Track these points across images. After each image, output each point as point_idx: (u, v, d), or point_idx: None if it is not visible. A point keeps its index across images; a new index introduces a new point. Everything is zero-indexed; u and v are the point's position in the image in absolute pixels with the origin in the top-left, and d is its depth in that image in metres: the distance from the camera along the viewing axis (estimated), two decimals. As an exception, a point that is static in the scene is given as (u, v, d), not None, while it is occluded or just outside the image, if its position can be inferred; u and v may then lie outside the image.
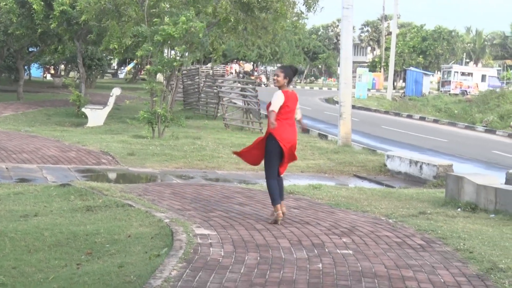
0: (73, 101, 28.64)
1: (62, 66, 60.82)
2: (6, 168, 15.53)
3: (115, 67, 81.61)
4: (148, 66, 23.27)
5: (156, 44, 22.21)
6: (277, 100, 9.63)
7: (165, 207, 10.87)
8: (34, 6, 29.69)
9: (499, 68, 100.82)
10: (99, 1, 26.19)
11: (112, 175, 16.00)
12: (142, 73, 54.87)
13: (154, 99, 22.78)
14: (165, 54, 24.34)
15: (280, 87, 9.75)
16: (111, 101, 27.27)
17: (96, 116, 26.41)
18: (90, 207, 10.85)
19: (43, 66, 61.10)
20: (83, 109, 27.02)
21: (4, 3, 31.40)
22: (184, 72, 34.71)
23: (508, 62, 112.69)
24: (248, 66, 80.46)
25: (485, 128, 37.44)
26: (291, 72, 9.84)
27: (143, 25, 23.18)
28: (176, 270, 7.09)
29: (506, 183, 12.85)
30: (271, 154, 9.72)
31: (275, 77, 9.90)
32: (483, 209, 11.69)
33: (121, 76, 78.07)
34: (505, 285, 7.03)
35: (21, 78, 39.70)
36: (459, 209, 11.74)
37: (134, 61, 60.32)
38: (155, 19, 23.22)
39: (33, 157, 17.10)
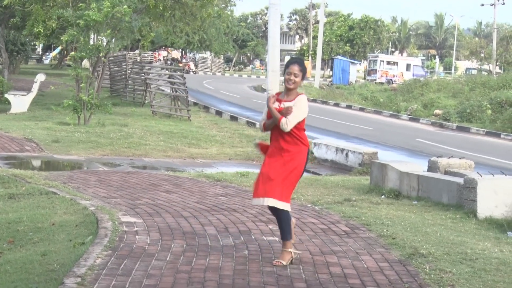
0: (-4, 88, 27.96)
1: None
2: None
3: (40, 53, 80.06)
4: (73, 52, 22.91)
5: (81, 29, 21.85)
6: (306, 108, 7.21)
7: (90, 195, 10.76)
8: None
9: (424, 58, 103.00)
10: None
11: (36, 163, 15.71)
12: (67, 59, 53.91)
13: (81, 85, 22.44)
14: (92, 40, 23.97)
15: (291, 90, 7.18)
16: (35, 87, 26.74)
17: (19, 102, 25.86)
18: (13, 195, 10.66)
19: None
20: (6, 95, 26.44)
21: None
22: (111, 58, 34.33)
23: (432, 51, 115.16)
24: (176, 53, 79.92)
25: (410, 116, 38.12)
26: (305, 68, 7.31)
27: (68, 9, 22.77)
28: (101, 258, 7.02)
29: (428, 170, 13.11)
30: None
31: (293, 78, 7.09)
32: (406, 196, 11.94)
33: (46, 61, 76.71)
34: (425, 270, 7.20)
35: None
36: (383, 196, 11.95)
37: (60, 47, 59.21)
38: (80, 4, 22.83)
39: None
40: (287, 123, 6.96)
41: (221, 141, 20.75)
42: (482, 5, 73.51)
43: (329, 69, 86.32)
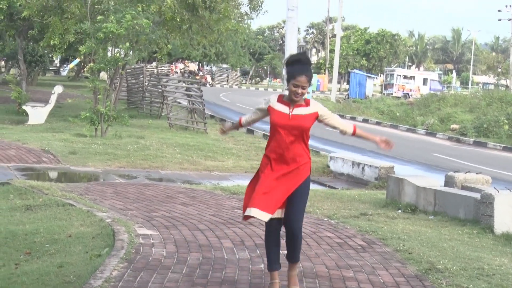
0: (15, 99, 28.03)
1: (3, 63, 59.77)
2: None
3: (58, 64, 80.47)
4: (91, 64, 23.00)
5: (99, 41, 21.96)
6: None
7: (107, 207, 10.77)
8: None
9: (440, 72, 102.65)
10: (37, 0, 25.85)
11: (53, 174, 15.76)
12: (85, 71, 54.15)
13: (98, 97, 22.53)
14: (109, 52, 24.08)
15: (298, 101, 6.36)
16: (53, 99, 26.88)
17: (37, 114, 25.97)
18: (30, 206, 10.68)
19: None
20: (24, 107, 26.55)
21: None
22: (128, 70, 34.40)
23: (449, 66, 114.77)
24: (193, 66, 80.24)
25: (426, 131, 37.99)
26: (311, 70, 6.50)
27: (86, 22, 22.92)
28: (117, 270, 7.02)
29: (445, 185, 13.06)
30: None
31: (301, 91, 6.27)
32: (423, 211, 11.89)
33: (64, 73, 77.11)
34: (442, 285, 7.16)
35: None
36: (399, 211, 11.91)
37: (77, 59, 59.47)
38: (99, 17, 22.97)
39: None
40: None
41: (237, 154, 20.74)
42: (500, 19, 73.52)
43: (345, 83, 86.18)
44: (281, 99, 6.42)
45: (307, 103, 6.36)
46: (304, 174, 6.39)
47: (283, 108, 6.33)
